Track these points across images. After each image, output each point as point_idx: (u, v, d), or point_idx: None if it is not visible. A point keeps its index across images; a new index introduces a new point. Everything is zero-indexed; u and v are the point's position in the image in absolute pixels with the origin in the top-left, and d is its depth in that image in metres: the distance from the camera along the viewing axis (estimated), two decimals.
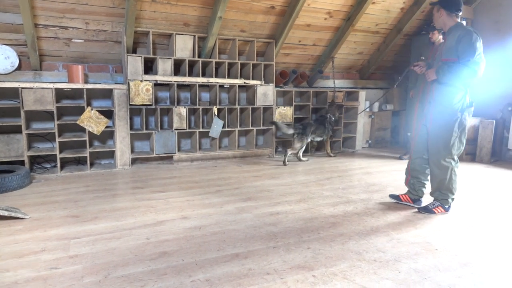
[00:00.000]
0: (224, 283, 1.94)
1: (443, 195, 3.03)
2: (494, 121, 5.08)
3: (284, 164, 4.84)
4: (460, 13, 2.90)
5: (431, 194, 3.14)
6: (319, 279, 1.99)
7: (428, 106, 3.03)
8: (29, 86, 3.89)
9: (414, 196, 3.26)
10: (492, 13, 5.38)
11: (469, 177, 4.29)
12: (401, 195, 3.33)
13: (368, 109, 6.16)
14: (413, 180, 3.23)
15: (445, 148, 2.93)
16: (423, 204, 3.20)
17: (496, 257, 2.29)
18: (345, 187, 3.80)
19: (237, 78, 5.00)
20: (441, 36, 4.71)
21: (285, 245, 2.41)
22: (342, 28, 5.37)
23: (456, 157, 2.98)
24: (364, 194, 3.57)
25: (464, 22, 2.91)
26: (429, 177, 3.17)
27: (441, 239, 2.54)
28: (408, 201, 3.28)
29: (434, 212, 3.04)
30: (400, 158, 5.30)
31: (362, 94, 5.97)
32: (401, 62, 6.55)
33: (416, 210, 3.13)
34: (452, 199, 3.06)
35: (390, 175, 4.35)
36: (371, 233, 2.62)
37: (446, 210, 3.06)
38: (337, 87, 5.92)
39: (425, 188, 3.24)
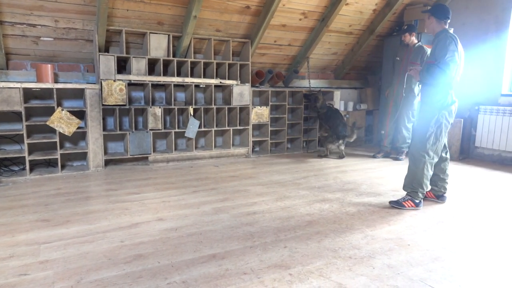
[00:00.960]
0: (201, 284, 1.92)
1: (414, 188, 3.17)
2: (462, 120, 5.29)
3: (326, 156, 5.39)
4: (448, 21, 3.09)
5: (403, 188, 3.28)
6: (295, 277, 2.01)
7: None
8: None
9: (437, 192, 3.40)
10: (459, 16, 5.59)
11: None
12: (426, 191, 3.34)
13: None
14: (433, 177, 3.32)
15: (420, 141, 3.10)
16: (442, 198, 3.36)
17: (465, 251, 2.38)
18: (321, 186, 3.85)
19: (213, 78, 4.97)
20: (413, 38, 4.86)
21: (262, 244, 2.42)
22: (316, 29, 5.44)
23: (431, 152, 3.11)
24: (340, 192, 3.64)
25: (452, 30, 3.08)
26: (448, 172, 3.35)
27: (413, 235, 2.62)
28: (432, 197, 3.42)
29: (404, 206, 3.16)
30: (374, 157, 5.43)
31: (337, 94, 6.07)
32: (374, 63, 6.71)
33: (390, 206, 3.22)
34: (422, 194, 3.18)
35: (365, 173, 4.45)
36: (346, 231, 2.67)
37: (417, 205, 3.17)
38: (312, 87, 5.99)
39: (446, 183, 3.37)
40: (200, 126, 4.88)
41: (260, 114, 5.37)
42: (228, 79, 5.11)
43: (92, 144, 4.27)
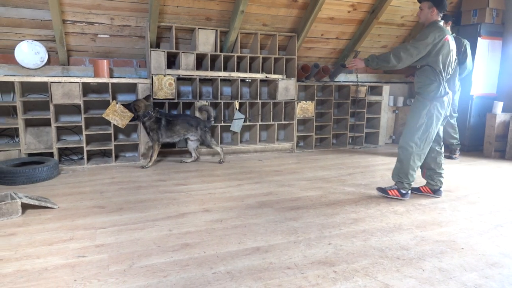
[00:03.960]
0: (245, 276, 1.95)
1: (400, 178, 3.21)
2: None
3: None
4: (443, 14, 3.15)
5: (392, 177, 3.32)
6: (340, 275, 1.98)
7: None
8: (57, 81, 4.01)
9: (433, 186, 3.37)
10: None
11: (497, 175, 4.14)
12: (421, 187, 3.44)
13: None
14: (429, 172, 3.36)
15: (410, 132, 3.14)
16: (441, 194, 3.36)
17: None
18: (367, 183, 3.75)
19: (258, 72, 4.99)
20: (448, 28, 4.50)
21: (306, 240, 2.40)
22: (366, 21, 5.27)
23: (419, 143, 3.11)
24: None
25: (442, 22, 3.12)
26: (443, 167, 3.33)
27: (467, 238, 2.48)
28: (428, 191, 3.40)
29: (388, 194, 3.25)
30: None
31: (386, 88, 5.85)
32: None
33: (442, 207, 3.06)
34: (409, 185, 3.21)
35: None
36: (394, 230, 2.58)
37: (402, 195, 3.21)
38: (360, 81, 5.82)
39: (442, 177, 3.34)
40: (245, 121, 4.93)
41: (305, 108, 5.32)
42: (274, 73, 5.11)
43: (143, 136, 4.47)
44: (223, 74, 4.75)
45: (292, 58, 5.17)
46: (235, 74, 4.82)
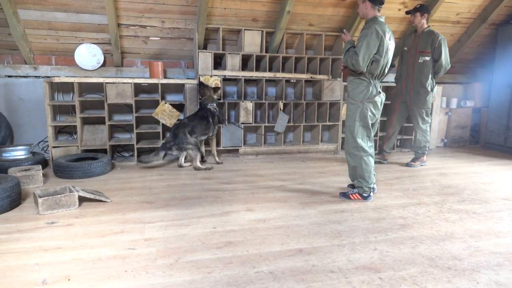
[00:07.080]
0: (288, 277, 1.95)
1: (359, 182, 3.19)
2: None
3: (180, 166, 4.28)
4: (382, 6, 3.07)
5: (352, 181, 3.30)
6: (386, 282, 1.91)
7: None
8: (112, 81, 4.25)
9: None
10: None
11: None
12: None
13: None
14: None
15: (352, 137, 3.15)
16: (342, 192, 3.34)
17: None
18: (416, 188, 3.59)
19: (303, 72, 4.95)
20: (424, 21, 4.19)
21: (350, 244, 2.35)
22: None
23: (364, 146, 3.11)
24: (438, 196, 3.34)
25: (384, 17, 3.07)
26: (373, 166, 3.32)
27: None
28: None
29: (350, 198, 3.20)
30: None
31: (439, 89, 5.56)
32: (485, 54, 5.97)
33: (499, 217, 2.86)
34: (369, 188, 3.17)
35: (469, 177, 4.01)
36: (446, 239, 2.45)
37: (364, 198, 3.18)
38: None
39: (374, 176, 3.29)
40: (289, 121, 4.91)
41: None
42: (319, 74, 5.04)
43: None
44: (268, 74, 4.77)
45: (339, 58, 5.06)
46: (280, 75, 4.82)
